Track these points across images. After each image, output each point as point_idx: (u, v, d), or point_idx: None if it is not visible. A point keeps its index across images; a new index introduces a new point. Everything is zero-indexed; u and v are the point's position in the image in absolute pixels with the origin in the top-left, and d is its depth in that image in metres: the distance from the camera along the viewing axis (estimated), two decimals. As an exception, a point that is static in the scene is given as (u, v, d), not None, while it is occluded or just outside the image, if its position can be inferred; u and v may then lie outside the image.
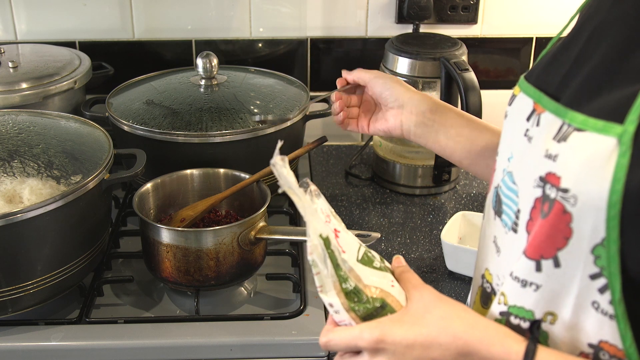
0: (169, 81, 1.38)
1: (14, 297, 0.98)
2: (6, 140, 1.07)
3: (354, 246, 0.73)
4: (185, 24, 1.55)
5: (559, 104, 0.63)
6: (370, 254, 0.75)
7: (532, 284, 0.64)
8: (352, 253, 0.72)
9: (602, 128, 0.56)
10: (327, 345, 0.71)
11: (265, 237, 1.05)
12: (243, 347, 1.00)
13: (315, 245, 0.68)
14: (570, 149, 0.59)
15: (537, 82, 0.69)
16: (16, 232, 0.94)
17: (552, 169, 0.60)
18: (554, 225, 0.60)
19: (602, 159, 0.56)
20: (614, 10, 0.63)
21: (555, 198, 0.59)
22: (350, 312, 0.69)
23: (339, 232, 0.72)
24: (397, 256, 0.79)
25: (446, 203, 1.42)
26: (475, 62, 1.59)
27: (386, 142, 1.44)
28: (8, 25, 1.53)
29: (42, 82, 1.31)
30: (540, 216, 0.62)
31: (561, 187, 0.59)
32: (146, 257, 1.09)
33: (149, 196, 1.14)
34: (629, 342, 0.59)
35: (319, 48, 1.59)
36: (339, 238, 0.71)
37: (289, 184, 0.68)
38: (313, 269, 0.68)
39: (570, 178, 0.58)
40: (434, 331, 0.66)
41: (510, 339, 0.64)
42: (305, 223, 0.68)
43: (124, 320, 1.04)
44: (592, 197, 0.56)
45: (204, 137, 1.20)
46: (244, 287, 1.15)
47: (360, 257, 0.73)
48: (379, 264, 0.75)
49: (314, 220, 0.68)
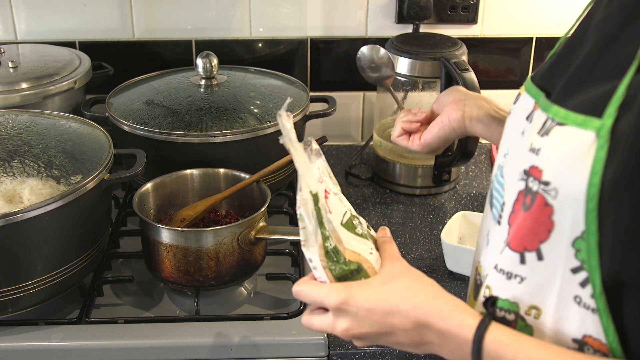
0: (169, 81, 1.38)
1: (14, 297, 0.98)
2: (6, 140, 1.07)
3: (341, 210, 0.76)
4: (185, 24, 1.55)
5: (548, 100, 0.64)
6: (356, 221, 0.78)
7: (516, 276, 0.65)
8: (338, 216, 0.75)
9: (581, 122, 0.58)
10: (298, 294, 0.74)
11: (265, 237, 1.05)
12: (243, 347, 1.00)
13: (305, 200, 0.71)
14: (552, 142, 0.60)
15: (540, 82, 0.70)
16: (16, 232, 0.94)
17: (535, 162, 0.61)
18: (536, 218, 0.61)
19: (582, 152, 0.57)
20: (605, 10, 0.64)
21: (537, 191, 0.61)
22: (326, 270, 0.73)
23: (329, 193, 0.76)
24: (384, 227, 0.82)
25: (446, 203, 1.42)
26: (475, 62, 1.59)
27: (386, 142, 1.45)
28: (8, 25, 1.53)
29: (42, 82, 1.31)
30: (523, 209, 0.63)
31: (543, 180, 0.60)
32: (146, 257, 1.09)
33: (149, 196, 1.14)
34: (611, 336, 0.59)
35: (319, 48, 1.59)
36: (328, 199, 0.74)
37: (289, 136, 0.71)
38: (299, 223, 0.71)
39: (552, 171, 0.59)
40: (396, 299, 0.68)
41: (467, 314, 0.65)
42: (298, 177, 0.71)
43: (124, 320, 1.04)
44: (571, 190, 0.58)
45: (204, 137, 1.20)
46: (244, 287, 1.15)
47: (344, 221, 0.76)
48: (361, 231, 0.78)
49: (308, 176, 0.71)
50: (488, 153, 1.63)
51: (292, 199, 1.39)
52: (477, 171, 1.54)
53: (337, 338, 1.02)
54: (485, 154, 1.63)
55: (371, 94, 1.63)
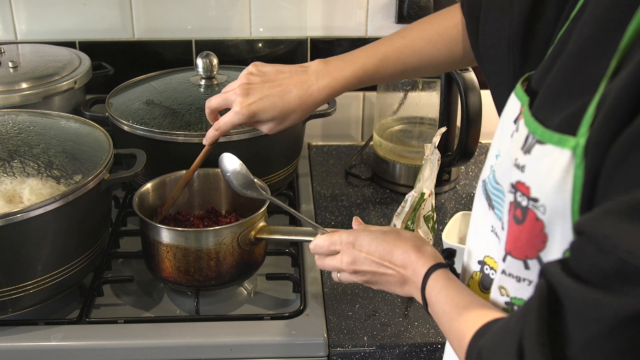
0: (169, 81, 1.38)
1: (14, 297, 0.98)
2: (6, 140, 1.07)
3: (428, 207, 1.17)
4: (185, 24, 1.55)
5: (529, 110, 0.64)
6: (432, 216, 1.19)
7: (524, 280, 0.66)
8: (425, 210, 1.17)
9: (557, 141, 0.58)
10: (315, 248, 0.89)
11: (265, 237, 1.05)
12: (243, 347, 1.00)
13: (415, 196, 1.14)
14: (535, 161, 0.60)
15: (528, 86, 0.69)
16: (16, 232, 0.94)
17: (522, 179, 0.62)
18: (530, 230, 0.62)
19: (562, 170, 0.57)
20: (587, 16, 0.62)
21: (528, 206, 0.61)
22: None
23: (430, 196, 1.16)
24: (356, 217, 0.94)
25: (446, 203, 1.42)
26: (475, 62, 1.59)
27: (386, 142, 1.45)
28: (8, 25, 1.53)
29: (42, 82, 1.31)
30: (515, 221, 0.64)
31: (531, 197, 0.61)
32: (146, 257, 1.09)
33: (149, 196, 1.14)
34: None
35: (319, 48, 1.59)
36: (426, 201, 1.15)
37: (435, 144, 1.13)
38: (403, 202, 1.15)
39: (538, 189, 0.60)
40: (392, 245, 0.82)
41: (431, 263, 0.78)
42: (423, 177, 1.14)
43: (124, 320, 1.04)
44: (558, 207, 0.58)
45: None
46: (244, 287, 1.15)
47: (425, 215, 1.17)
48: (431, 224, 1.19)
49: (430, 181, 1.15)
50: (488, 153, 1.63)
51: (292, 199, 1.39)
52: (477, 171, 1.54)
53: (337, 338, 1.02)
54: (485, 154, 1.62)
55: (371, 94, 1.63)
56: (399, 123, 1.51)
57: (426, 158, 1.15)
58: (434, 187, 1.17)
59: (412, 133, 1.49)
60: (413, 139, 1.47)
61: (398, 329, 1.04)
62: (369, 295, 1.12)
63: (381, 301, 1.11)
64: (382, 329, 1.04)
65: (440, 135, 1.14)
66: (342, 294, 1.12)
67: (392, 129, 1.50)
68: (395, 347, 1.01)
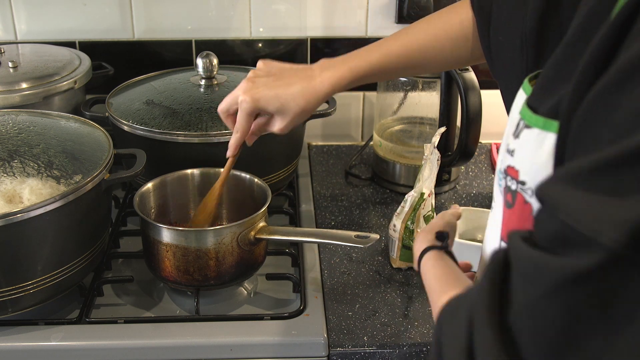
0: (169, 81, 1.38)
1: (14, 297, 0.98)
2: (6, 140, 1.08)
3: (428, 207, 1.17)
4: (185, 24, 1.55)
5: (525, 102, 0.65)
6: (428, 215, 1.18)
7: None
8: (425, 210, 1.17)
9: (543, 125, 0.59)
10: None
11: (265, 237, 1.05)
12: (243, 347, 1.00)
13: (415, 196, 1.15)
14: (522, 144, 0.61)
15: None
16: (16, 232, 0.94)
17: (511, 163, 0.63)
18: (520, 214, 0.63)
19: (546, 154, 0.58)
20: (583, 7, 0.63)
21: (517, 190, 0.62)
22: (399, 237, 1.16)
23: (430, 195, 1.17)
24: None
25: (446, 203, 1.42)
26: (475, 62, 1.59)
27: (386, 142, 1.45)
28: (8, 25, 1.53)
29: (42, 82, 1.31)
30: (506, 206, 0.65)
31: (520, 180, 0.62)
32: (146, 256, 1.09)
33: (150, 196, 1.14)
34: None
35: (319, 48, 1.59)
36: (426, 201, 1.16)
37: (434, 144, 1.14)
38: (403, 202, 1.16)
39: (526, 172, 0.61)
40: None
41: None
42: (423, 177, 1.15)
43: (124, 320, 1.04)
44: None
45: (204, 137, 1.20)
46: (244, 287, 1.15)
47: (425, 214, 1.17)
48: None
49: (430, 181, 1.15)
50: (488, 153, 1.63)
51: (292, 199, 1.39)
52: (477, 171, 1.54)
53: (337, 338, 1.02)
54: (485, 154, 1.63)
55: (371, 94, 1.63)
56: (399, 123, 1.51)
57: (426, 158, 1.15)
58: (433, 187, 1.17)
59: (412, 133, 1.49)
60: (413, 139, 1.47)
61: (398, 329, 1.04)
62: (369, 295, 1.12)
63: (381, 301, 1.11)
64: (382, 329, 1.04)
65: (439, 135, 1.14)
66: (342, 294, 1.12)
67: (392, 129, 1.50)
68: (395, 347, 1.01)
